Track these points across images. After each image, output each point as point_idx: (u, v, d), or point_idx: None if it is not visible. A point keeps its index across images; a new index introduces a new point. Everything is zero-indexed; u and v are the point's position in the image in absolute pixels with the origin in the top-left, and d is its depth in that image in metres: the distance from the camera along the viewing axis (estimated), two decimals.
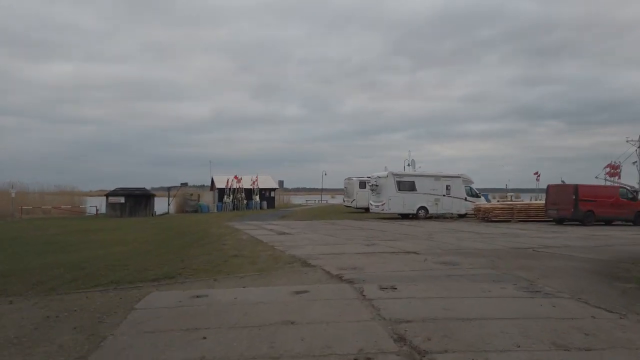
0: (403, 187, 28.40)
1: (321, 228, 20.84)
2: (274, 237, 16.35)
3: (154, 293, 7.08)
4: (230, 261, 10.43)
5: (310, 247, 12.87)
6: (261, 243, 14.08)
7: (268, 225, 22.57)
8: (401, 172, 28.90)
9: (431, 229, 20.42)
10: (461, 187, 29.61)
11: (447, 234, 17.84)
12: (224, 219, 29.31)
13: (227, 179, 47.26)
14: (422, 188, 28.51)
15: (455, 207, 29.11)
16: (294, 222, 25.61)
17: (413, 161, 30.22)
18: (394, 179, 28.16)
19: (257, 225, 23.00)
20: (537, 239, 15.78)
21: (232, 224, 24.42)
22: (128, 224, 26.65)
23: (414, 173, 29.19)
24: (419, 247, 13.03)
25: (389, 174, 28.18)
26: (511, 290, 7.11)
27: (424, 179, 28.78)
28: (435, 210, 28.62)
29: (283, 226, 22.06)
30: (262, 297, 6.71)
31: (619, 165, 36.00)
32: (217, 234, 18.34)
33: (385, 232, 18.71)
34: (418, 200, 28.41)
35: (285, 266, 9.62)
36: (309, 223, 24.75)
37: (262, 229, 20.55)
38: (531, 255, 11.30)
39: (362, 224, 23.58)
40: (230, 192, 46.55)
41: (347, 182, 40.06)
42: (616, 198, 22.98)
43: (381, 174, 28.94)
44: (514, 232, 18.66)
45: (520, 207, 25.24)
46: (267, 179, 51.23)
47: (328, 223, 24.82)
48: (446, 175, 29.27)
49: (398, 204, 28.07)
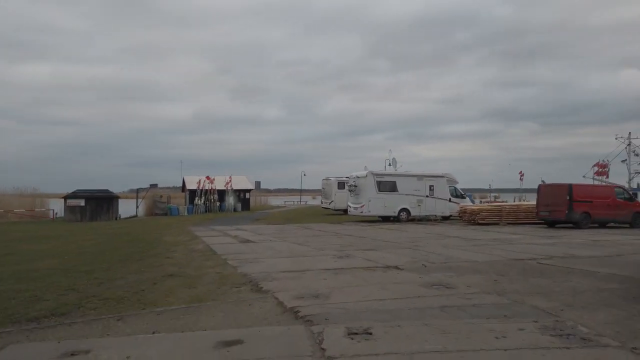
0: (384, 187, 26.33)
1: (292, 234, 18.60)
2: (233, 246, 14.05)
3: (11, 347, 4.75)
4: (162, 284, 8.12)
5: (271, 261, 10.62)
6: (214, 256, 11.77)
7: (234, 231, 20.22)
8: (381, 172, 26.83)
9: (415, 234, 18.36)
10: (445, 187, 27.69)
11: (432, 240, 15.78)
12: (190, 223, 26.83)
13: (198, 179, 44.64)
14: (404, 188, 26.49)
15: (439, 209, 27.17)
16: (265, 227, 23.32)
17: (394, 160, 28.26)
18: (374, 179, 26.07)
19: (222, 231, 20.63)
20: (535, 247, 13.81)
21: (196, 229, 21.99)
22: (82, 230, 23.98)
23: (395, 173, 27.15)
24: (402, 259, 10.89)
25: (369, 173, 26.09)
26: (534, 334, 4.98)
27: (406, 179, 26.77)
28: (418, 212, 26.63)
29: (250, 232, 19.74)
30: (168, 356, 4.44)
31: (607, 164, 34.69)
32: (171, 242, 15.96)
33: (363, 238, 16.56)
34: (400, 202, 26.37)
35: (229, 292, 7.37)
36: (281, 228, 22.48)
37: (225, 235, 18.20)
38: (539, 271, 9.25)
39: (339, 229, 21.41)
40: (202, 194, 43.94)
41: (324, 182, 37.87)
42: (613, 198, 21.25)
43: (360, 174, 26.84)
44: (506, 238, 16.70)
45: (509, 209, 23.38)
46: (242, 180, 48.72)
47: (302, 227, 22.59)
48: (429, 175, 27.32)
49: (378, 206, 25.99)
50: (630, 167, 31.58)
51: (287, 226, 23.72)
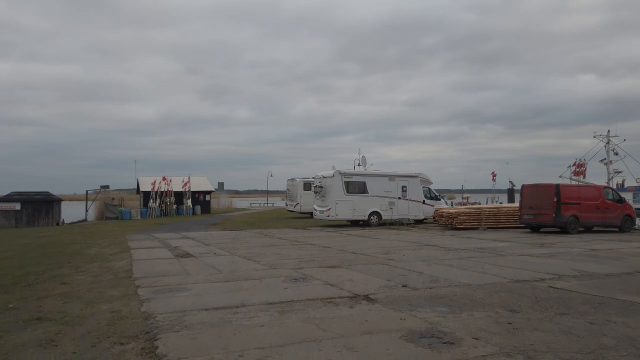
0: (352, 188, 23.82)
1: (245, 244, 15.82)
2: (162, 264, 11.17)
3: None
4: (14, 334, 5.27)
5: (199, 289, 7.85)
6: (126, 280, 8.88)
7: (178, 240, 17.26)
8: (350, 171, 24.30)
9: (388, 242, 15.88)
10: (419, 188, 25.43)
11: (409, 251, 13.31)
12: (134, 230, 23.65)
13: (153, 180, 41.15)
14: (375, 190, 24.05)
15: (413, 212, 24.87)
16: (218, 234, 20.42)
17: (364, 159, 25.71)
18: (342, 179, 23.53)
19: (164, 240, 17.62)
20: (531, 260, 11.51)
21: (134, 237, 18.90)
22: (3, 238, 20.51)
23: (365, 172, 24.67)
24: (374, 281, 8.33)
25: (336, 173, 23.54)
26: None
27: (377, 179, 24.34)
28: (390, 215, 24.24)
29: (197, 241, 16.84)
30: None
31: (584, 164, 33.26)
32: (91, 256, 12.93)
33: (327, 249, 13.94)
34: (370, 204, 23.92)
35: (102, 356, 4.60)
36: (236, 235, 19.65)
37: (163, 247, 15.26)
38: (559, 302, 6.82)
39: (302, 236, 18.75)
40: (157, 196, 40.48)
41: (289, 183, 35.15)
42: (602, 200, 19.30)
43: (326, 174, 24.25)
44: (493, 247, 14.41)
45: (488, 212, 21.23)
46: (202, 181, 45.43)
47: (260, 234, 19.81)
48: (402, 175, 24.97)
49: (346, 209, 23.46)
50: (609, 167, 30.11)
51: (244, 233, 20.91)
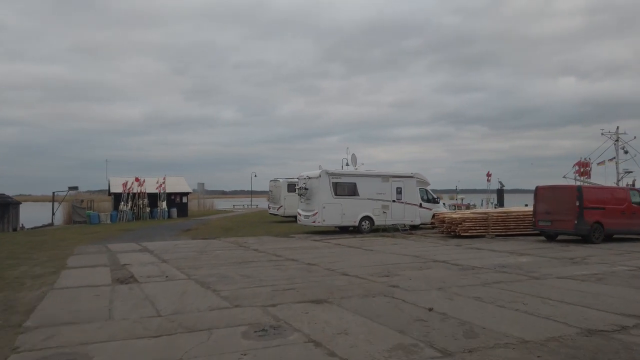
0: (341, 190, 21.06)
1: (212, 259, 12.95)
2: (87, 296, 8.24)
3: None
4: None
5: (105, 358, 5.01)
6: (9, 333, 5.99)
7: (132, 255, 14.29)
8: (338, 171, 21.53)
9: (385, 256, 13.15)
10: (415, 189, 22.77)
11: (415, 271, 10.57)
12: (93, 237, 20.61)
13: (125, 181, 37.92)
14: (366, 192, 21.33)
15: (409, 216, 22.20)
16: (185, 244, 17.49)
17: (354, 157, 22.91)
18: (329, 180, 20.76)
19: (116, 253, 14.63)
20: (581, 287, 8.85)
21: (84, 249, 15.89)
22: None
23: (355, 172, 21.93)
24: (380, 337, 5.55)
25: (323, 173, 20.76)
26: None
27: (369, 179, 21.62)
28: (384, 220, 21.54)
29: (155, 255, 13.91)
30: None
31: (588, 163, 30.98)
32: (7, 280, 9.95)
33: (312, 268, 11.15)
34: (361, 208, 21.19)
35: None
36: (205, 245, 16.74)
37: (109, 264, 12.30)
38: None
39: (283, 247, 15.93)
40: (129, 198, 37.28)
41: (272, 184, 32.28)
42: (628, 204, 16.82)
43: (312, 174, 21.47)
44: (516, 264, 11.75)
45: (496, 217, 18.62)
46: (179, 181, 42.26)
47: (234, 245, 16.94)
48: (396, 175, 22.29)
49: (335, 214, 20.69)
50: (618, 166, 27.86)
51: (216, 242, 18.02)
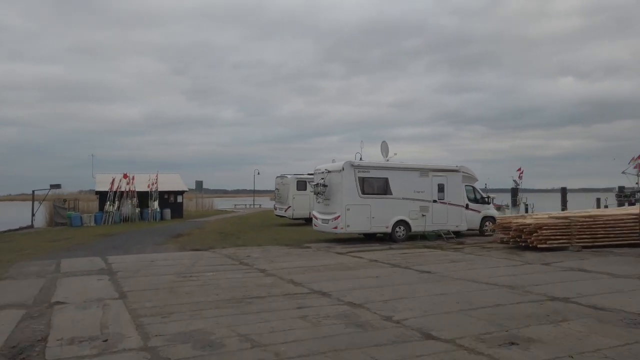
0: (370, 187, 16.49)
1: (197, 292, 8.42)
2: None
3: None
4: None
5: None
6: None
7: (79, 282, 9.74)
8: (366, 163, 16.93)
9: (462, 287, 8.58)
10: (461, 187, 18.18)
11: (549, 326, 6.02)
12: (59, 245, 16.15)
13: (112, 178, 33.44)
14: (401, 189, 16.77)
15: (453, 220, 17.61)
16: (166, 258, 12.98)
17: (385, 145, 18.09)
18: (355, 175, 16.21)
19: (59, 278, 10.04)
20: None
21: (23, 267, 11.37)
22: None
23: (387, 164, 17.40)
24: None
25: (346, 165, 16.20)
26: None
27: (404, 174, 17.04)
28: (422, 225, 16.98)
29: (112, 284, 9.39)
30: None
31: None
32: None
33: (360, 317, 6.58)
34: (394, 210, 16.62)
35: None
36: (193, 262, 12.21)
37: (31, 303, 7.78)
38: None
39: (300, 267, 11.36)
40: (116, 197, 32.78)
41: (279, 181, 27.71)
42: None
43: (332, 166, 16.91)
44: None
45: (581, 223, 13.99)
46: (173, 179, 37.73)
47: (232, 260, 12.42)
48: (438, 169, 17.72)
49: (362, 218, 16.12)
50: None
51: (208, 256, 13.49)
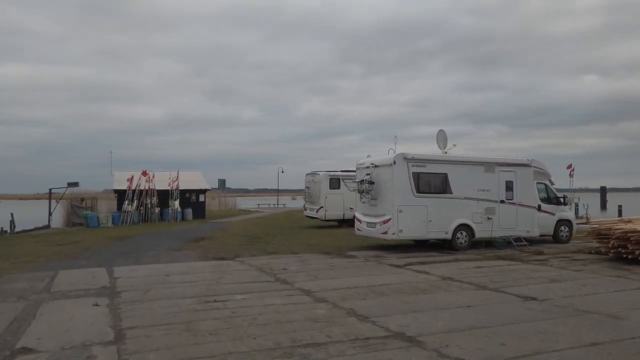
0: (426, 185, 13.78)
1: (222, 330, 5.91)
2: None
3: None
4: None
5: None
6: None
7: (69, 307, 7.32)
8: (422, 155, 14.19)
9: (598, 330, 5.90)
10: (532, 184, 15.31)
11: None
12: (65, 250, 13.92)
13: (131, 176, 31.40)
14: (462, 187, 14.02)
15: (523, 224, 14.74)
16: (184, 270, 10.53)
17: (443, 134, 15.31)
18: (408, 169, 13.52)
19: (45, 302, 7.63)
20: None
21: (11, 281, 9.09)
22: None
23: (445, 157, 14.66)
24: None
25: (399, 158, 13.51)
26: None
27: (466, 169, 14.28)
28: (488, 229, 14.19)
29: (111, 312, 6.94)
30: None
31: None
32: None
33: None
34: (455, 212, 13.88)
35: None
36: (218, 275, 9.73)
37: None
38: None
39: (355, 288, 8.71)
40: (135, 196, 30.74)
41: (309, 179, 25.14)
42: None
43: (380, 160, 14.25)
44: None
45: None
46: (195, 177, 35.54)
47: (266, 275, 9.90)
48: (506, 162, 14.90)
49: (417, 221, 13.42)
50: None
51: (236, 267, 11.01)
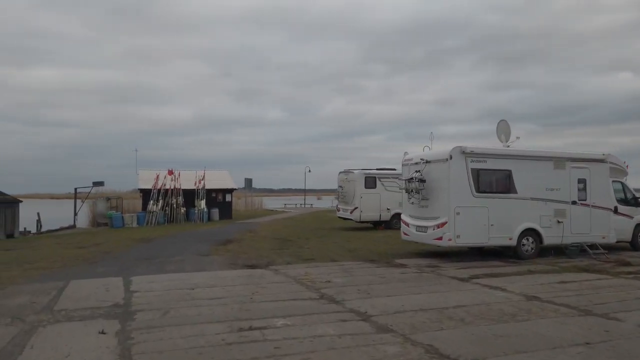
0: (487, 183, 11.93)
1: None
2: None
3: None
4: None
5: None
6: None
7: (70, 334, 5.90)
8: (481, 149, 12.29)
9: None
10: (608, 183, 13.26)
11: None
12: (85, 253, 12.65)
13: (156, 174, 30.36)
14: (529, 185, 12.12)
15: (597, 229, 12.73)
16: (211, 281, 9.01)
17: (505, 124, 13.37)
18: (467, 165, 11.69)
19: (43, 325, 6.20)
20: None
21: (15, 293, 7.74)
22: None
23: (509, 151, 12.75)
24: None
25: (456, 152, 11.67)
26: None
27: (533, 164, 12.35)
28: (558, 235, 12.25)
29: (119, 345, 5.48)
30: None
31: None
32: None
33: None
34: (520, 215, 11.98)
35: None
36: (251, 289, 8.16)
37: None
38: None
39: (406, 310, 6.99)
40: (160, 196, 29.66)
41: (343, 177, 23.44)
42: None
43: (434, 155, 12.44)
44: None
45: None
46: (222, 176, 34.28)
47: (307, 290, 8.28)
48: (578, 158, 12.93)
49: (477, 226, 11.56)
50: None
51: (271, 278, 9.44)
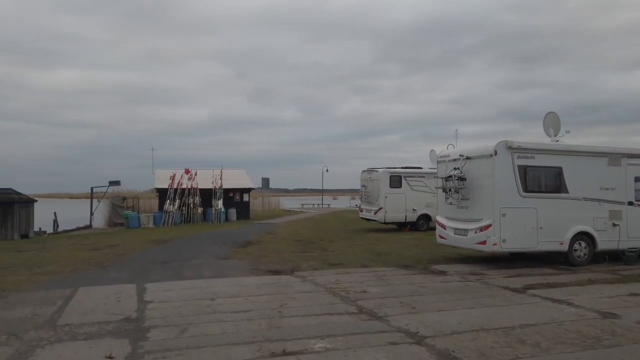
0: (534, 181, 10.79)
1: None
2: None
3: None
4: None
5: None
6: None
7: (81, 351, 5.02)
8: (529, 144, 11.14)
9: None
10: None
11: None
12: (99, 255, 11.88)
13: (172, 174, 29.72)
14: (581, 184, 10.97)
15: None
16: (233, 291, 8.10)
17: (554, 116, 12.27)
18: (513, 162, 10.57)
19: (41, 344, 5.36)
20: None
21: (20, 301, 6.93)
22: None
23: (558, 147, 11.57)
24: None
25: (501, 147, 10.54)
26: None
27: (585, 160, 11.16)
28: (614, 240, 11.06)
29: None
30: None
31: None
32: None
33: None
34: (572, 217, 10.81)
35: None
36: (278, 301, 7.20)
37: None
38: None
39: (465, 330, 5.92)
40: (177, 195, 28.99)
41: (366, 176, 22.40)
42: None
43: (475, 150, 11.31)
44: None
45: None
46: (239, 176, 33.53)
47: (346, 304, 7.31)
48: (634, 154, 11.71)
49: (524, 229, 10.43)
50: None
51: (299, 287, 8.48)
